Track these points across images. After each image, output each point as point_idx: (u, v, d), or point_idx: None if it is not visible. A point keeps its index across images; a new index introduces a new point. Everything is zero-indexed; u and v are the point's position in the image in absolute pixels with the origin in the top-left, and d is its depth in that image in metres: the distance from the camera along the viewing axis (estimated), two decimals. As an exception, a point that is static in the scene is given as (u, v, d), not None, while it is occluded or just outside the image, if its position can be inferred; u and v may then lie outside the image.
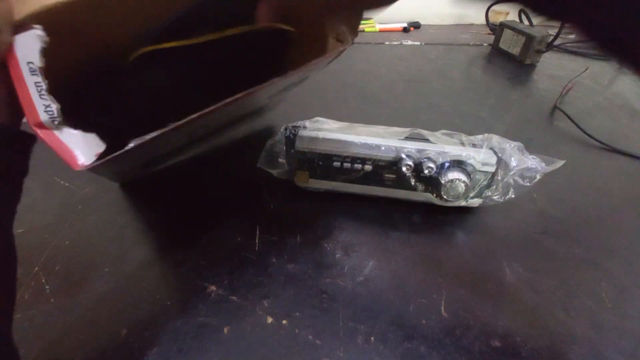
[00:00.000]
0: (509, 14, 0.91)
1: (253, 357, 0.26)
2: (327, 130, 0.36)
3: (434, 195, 0.36)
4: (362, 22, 0.90)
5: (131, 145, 0.22)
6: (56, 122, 0.20)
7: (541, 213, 0.39)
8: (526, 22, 0.82)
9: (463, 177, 0.34)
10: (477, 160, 0.34)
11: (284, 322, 0.28)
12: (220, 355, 0.26)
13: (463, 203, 0.36)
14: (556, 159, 0.34)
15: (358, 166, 0.35)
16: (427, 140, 0.35)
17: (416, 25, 0.92)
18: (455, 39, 0.86)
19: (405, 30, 0.90)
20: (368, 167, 0.35)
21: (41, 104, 0.20)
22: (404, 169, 0.34)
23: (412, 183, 0.36)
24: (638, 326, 0.29)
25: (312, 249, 0.33)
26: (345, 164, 0.35)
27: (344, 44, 0.32)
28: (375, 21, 0.91)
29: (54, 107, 0.20)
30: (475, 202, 0.36)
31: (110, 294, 0.29)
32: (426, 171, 0.34)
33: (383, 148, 0.35)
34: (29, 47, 0.19)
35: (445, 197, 0.35)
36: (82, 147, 0.21)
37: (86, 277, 0.30)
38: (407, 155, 0.34)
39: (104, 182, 0.39)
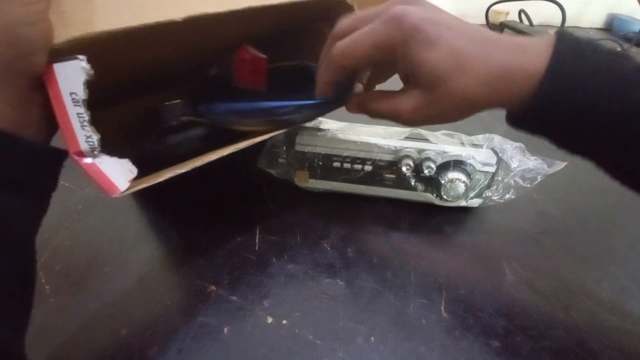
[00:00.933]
0: (509, 14, 0.91)
1: (253, 357, 0.26)
2: (327, 130, 0.36)
3: (434, 195, 0.36)
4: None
5: (166, 177, 0.23)
6: (96, 152, 0.21)
7: (541, 213, 0.39)
8: (526, 22, 0.82)
9: (463, 177, 0.34)
10: (477, 161, 0.34)
11: (284, 322, 0.28)
12: (220, 355, 0.26)
13: (463, 203, 0.36)
14: (556, 159, 0.34)
15: (358, 166, 0.35)
16: (427, 140, 0.35)
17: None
18: (455, 39, 0.86)
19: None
20: (368, 167, 0.35)
21: (82, 135, 0.20)
22: (404, 169, 0.34)
23: (412, 183, 0.36)
24: (638, 326, 0.29)
25: (312, 249, 0.33)
26: (345, 164, 0.35)
27: None
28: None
29: (95, 138, 0.20)
30: (475, 202, 0.36)
31: (110, 294, 0.29)
32: (426, 171, 0.34)
33: (383, 148, 0.35)
34: (72, 78, 0.19)
35: (445, 197, 0.35)
36: (117, 175, 0.21)
37: (86, 277, 0.30)
38: (407, 155, 0.34)
39: (104, 182, 0.39)
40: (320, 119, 0.39)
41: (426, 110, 0.24)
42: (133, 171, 0.23)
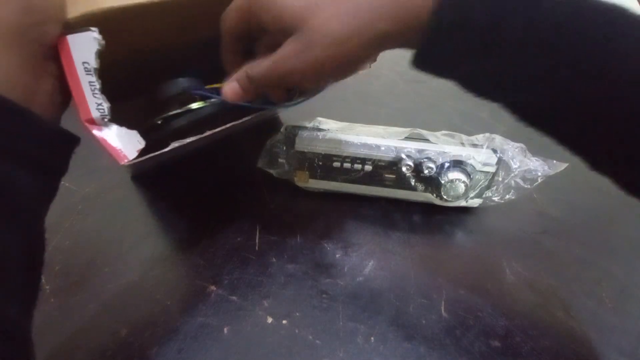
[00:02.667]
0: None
1: (253, 357, 0.26)
2: (327, 131, 0.36)
3: (434, 195, 0.36)
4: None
5: (173, 146, 0.24)
6: (106, 120, 0.22)
7: (541, 213, 0.39)
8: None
9: (463, 177, 0.34)
10: (478, 161, 0.34)
11: (284, 322, 0.28)
12: (220, 355, 0.26)
13: (463, 203, 0.36)
14: (556, 160, 0.34)
15: (358, 166, 0.35)
16: (427, 140, 0.35)
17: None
18: (455, 39, 0.86)
19: (405, 30, 0.90)
20: (368, 167, 0.35)
21: (94, 102, 0.21)
22: (404, 169, 0.34)
23: (412, 183, 0.36)
24: (638, 326, 0.29)
25: (312, 249, 0.33)
26: (345, 164, 0.35)
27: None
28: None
29: (105, 105, 0.22)
30: (476, 202, 0.36)
31: (110, 294, 0.29)
32: (426, 171, 0.34)
33: (383, 148, 0.35)
34: (85, 48, 0.21)
35: (445, 197, 0.35)
36: (125, 144, 0.22)
37: (86, 277, 0.30)
38: (407, 156, 0.34)
39: (104, 182, 0.39)
40: (320, 118, 0.39)
41: (304, 57, 0.23)
42: (141, 142, 0.23)
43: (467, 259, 0.33)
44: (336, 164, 0.36)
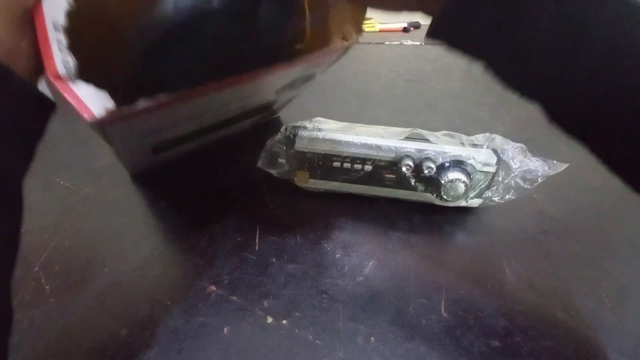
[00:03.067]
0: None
1: (253, 357, 0.26)
2: (327, 131, 0.36)
3: (434, 195, 0.36)
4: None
5: (141, 104, 0.24)
6: (72, 76, 0.23)
7: (541, 213, 0.39)
8: (526, 22, 0.82)
9: (463, 177, 0.34)
10: (478, 161, 0.34)
11: (284, 322, 0.28)
12: (220, 355, 0.26)
13: (463, 203, 0.36)
14: (556, 160, 0.34)
15: (358, 166, 0.35)
16: (427, 141, 0.35)
17: (416, 25, 0.92)
18: (455, 39, 0.86)
19: (405, 30, 0.90)
20: (368, 167, 0.35)
21: (60, 58, 0.22)
22: (404, 169, 0.34)
23: (412, 183, 0.36)
24: (638, 326, 0.29)
25: (312, 249, 0.33)
26: (345, 164, 0.35)
27: (350, 42, 0.34)
28: (375, 21, 0.91)
29: (72, 62, 0.22)
30: (476, 202, 0.36)
31: (110, 294, 0.29)
32: (426, 171, 0.34)
33: (383, 148, 0.35)
34: (55, 7, 0.22)
35: (445, 197, 0.35)
36: (93, 101, 0.23)
37: (86, 277, 0.30)
38: (407, 156, 0.34)
39: (104, 182, 0.39)
40: (320, 119, 0.39)
41: None
42: (110, 103, 0.24)
43: (467, 259, 0.33)
44: (336, 164, 0.36)
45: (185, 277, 0.30)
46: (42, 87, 0.23)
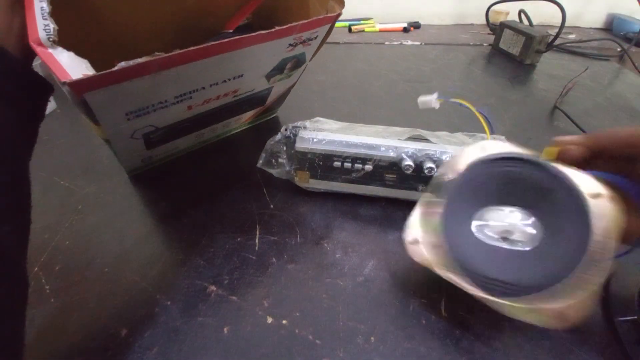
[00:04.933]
0: (509, 13, 0.91)
1: (253, 357, 0.26)
2: (327, 130, 0.36)
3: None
4: (362, 22, 0.90)
5: (119, 65, 0.24)
6: (51, 40, 0.23)
7: (541, 213, 0.38)
8: (526, 22, 0.82)
9: (463, 177, 0.33)
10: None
11: (284, 322, 0.28)
12: (220, 355, 0.26)
13: (463, 203, 0.36)
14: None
15: (358, 166, 0.35)
16: (427, 141, 0.35)
17: (416, 25, 0.92)
18: (455, 39, 0.86)
19: (405, 30, 0.90)
20: (368, 167, 0.35)
21: (42, 24, 0.23)
22: (404, 169, 0.34)
23: (413, 183, 0.36)
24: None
25: (312, 249, 0.33)
26: (346, 164, 0.35)
27: (331, 13, 0.35)
28: (375, 21, 0.91)
29: (52, 27, 0.23)
30: (475, 202, 0.36)
31: (110, 294, 0.29)
32: (426, 171, 0.34)
33: (383, 148, 0.35)
34: None
35: (445, 197, 0.35)
36: (72, 66, 0.24)
37: (86, 277, 0.30)
38: (408, 155, 0.34)
39: (104, 182, 0.39)
40: (320, 119, 0.39)
41: None
42: (90, 70, 0.25)
43: (467, 259, 0.33)
44: (336, 164, 0.36)
45: (185, 277, 0.30)
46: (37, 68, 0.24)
